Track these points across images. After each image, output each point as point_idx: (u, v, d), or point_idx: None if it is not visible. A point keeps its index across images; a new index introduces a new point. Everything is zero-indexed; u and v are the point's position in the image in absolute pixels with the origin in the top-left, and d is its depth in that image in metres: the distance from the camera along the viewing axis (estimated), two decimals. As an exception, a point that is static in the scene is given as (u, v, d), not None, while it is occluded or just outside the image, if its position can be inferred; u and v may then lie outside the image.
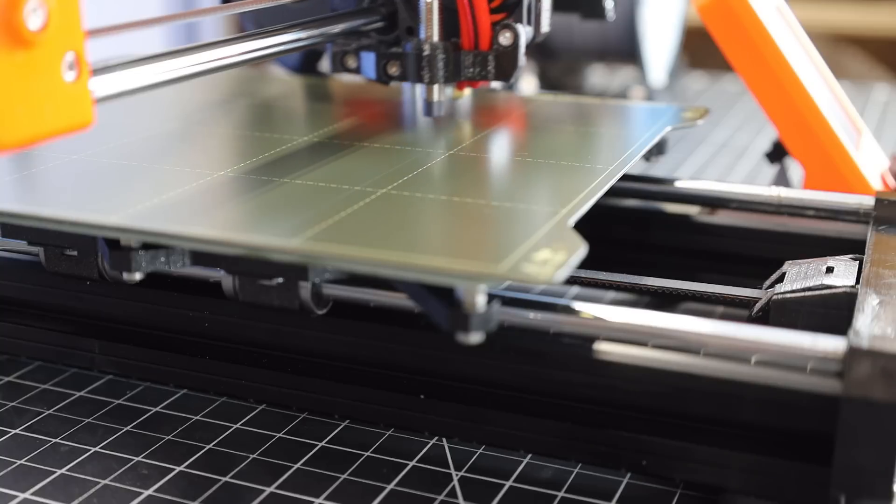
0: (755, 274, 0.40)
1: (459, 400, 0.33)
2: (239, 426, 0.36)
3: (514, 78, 0.44)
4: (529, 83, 0.78)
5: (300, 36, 0.40)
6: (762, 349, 0.29)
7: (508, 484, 0.32)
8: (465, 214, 0.33)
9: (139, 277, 0.32)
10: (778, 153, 0.49)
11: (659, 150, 0.45)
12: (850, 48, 1.41)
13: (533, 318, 0.31)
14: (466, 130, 0.45)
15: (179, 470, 0.33)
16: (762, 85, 0.46)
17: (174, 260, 0.32)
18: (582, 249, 0.29)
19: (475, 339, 0.29)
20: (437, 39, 0.43)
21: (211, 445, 0.34)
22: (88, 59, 0.29)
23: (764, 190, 0.43)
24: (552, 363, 0.32)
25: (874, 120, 0.76)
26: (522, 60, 0.44)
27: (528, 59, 0.43)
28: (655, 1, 0.77)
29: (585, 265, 0.36)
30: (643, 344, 0.31)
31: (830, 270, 0.35)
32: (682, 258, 0.45)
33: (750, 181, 0.62)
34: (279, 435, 0.35)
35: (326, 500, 0.32)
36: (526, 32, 0.44)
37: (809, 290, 0.34)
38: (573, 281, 0.40)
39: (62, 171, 0.38)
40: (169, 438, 0.35)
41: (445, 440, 0.35)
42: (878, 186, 0.46)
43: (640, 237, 0.46)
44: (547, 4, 0.46)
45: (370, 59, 0.45)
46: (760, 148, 0.67)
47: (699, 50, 0.89)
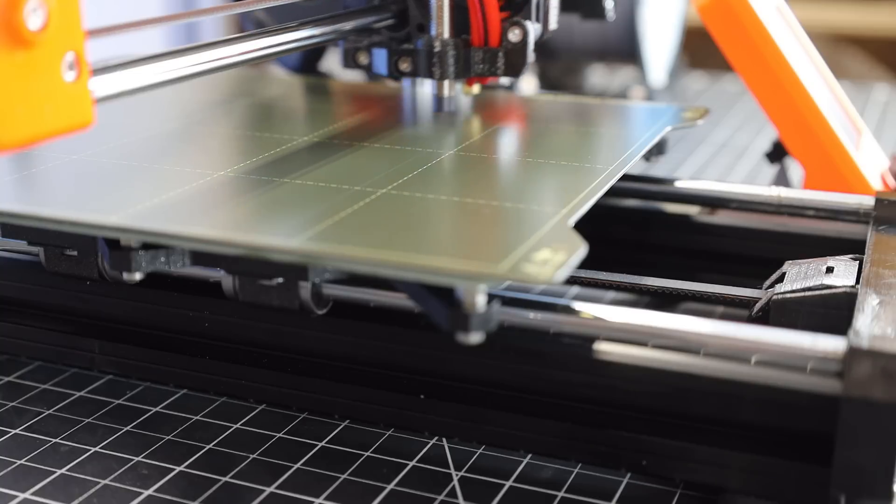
0: (755, 274, 0.40)
1: (459, 400, 0.33)
2: (239, 426, 0.36)
3: (523, 74, 0.45)
4: (529, 83, 0.78)
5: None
6: (762, 349, 0.29)
7: (508, 484, 0.32)
8: (465, 214, 0.33)
9: (139, 277, 0.32)
10: (778, 153, 0.49)
11: (659, 150, 0.45)
12: (850, 48, 1.41)
13: (533, 318, 0.31)
14: (466, 131, 0.45)
15: (179, 470, 0.33)
16: (762, 85, 0.46)
17: (174, 260, 0.32)
18: (582, 249, 0.29)
19: (475, 339, 0.29)
20: (447, 36, 0.44)
21: (211, 445, 0.34)
22: (88, 59, 0.29)
23: (764, 190, 0.43)
24: (552, 363, 0.32)
25: (874, 120, 0.76)
26: (531, 57, 0.45)
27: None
28: (655, 1, 0.77)
29: (585, 265, 0.36)
30: (643, 344, 0.31)
31: (830, 270, 0.35)
32: (682, 258, 0.45)
33: (750, 181, 0.62)
34: (279, 435, 0.35)
35: (326, 500, 0.32)
36: (535, 29, 0.45)
37: (809, 290, 0.34)
38: (573, 281, 0.40)
39: (62, 171, 0.38)
40: (169, 438, 0.35)
41: (445, 440, 0.35)
42: (878, 186, 0.46)
43: (640, 237, 0.46)
44: (555, 2, 0.46)
45: (382, 55, 0.46)
46: (760, 148, 0.67)
47: (699, 50, 0.89)
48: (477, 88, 0.48)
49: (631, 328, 0.31)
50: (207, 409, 0.37)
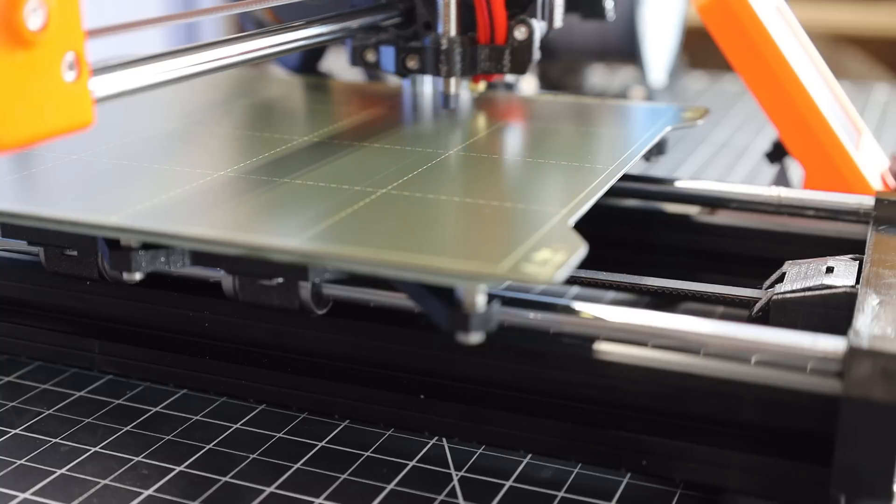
0: (755, 274, 0.40)
1: (459, 400, 0.33)
2: (239, 426, 0.36)
3: (528, 71, 0.45)
4: (529, 83, 0.78)
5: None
6: (762, 349, 0.29)
7: (508, 484, 0.32)
8: (464, 214, 0.33)
9: (139, 277, 0.32)
10: (778, 153, 0.49)
11: (659, 150, 0.45)
12: (850, 48, 1.41)
13: (533, 318, 0.31)
14: (466, 131, 0.45)
15: (179, 470, 0.33)
16: (762, 85, 0.46)
17: (174, 260, 0.32)
18: (582, 249, 0.29)
19: (475, 339, 0.29)
20: (454, 34, 0.45)
21: (211, 445, 0.34)
22: (88, 59, 0.29)
23: (764, 190, 0.43)
24: (552, 363, 0.32)
25: (874, 120, 0.76)
26: (537, 54, 0.45)
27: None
28: (655, 1, 0.77)
29: (585, 265, 0.36)
30: (643, 344, 0.31)
31: (830, 270, 0.35)
32: (682, 258, 0.45)
33: (750, 181, 0.62)
34: (279, 435, 0.35)
35: (326, 500, 0.32)
36: (540, 27, 0.45)
37: (809, 290, 0.34)
38: (573, 281, 0.40)
39: (62, 171, 0.38)
40: (169, 438, 0.35)
41: (445, 440, 0.35)
42: (878, 186, 0.46)
43: (640, 237, 0.46)
44: (560, 0, 0.47)
45: (389, 53, 0.46)
46: (760, 148, 0.67)
47: (699, 50, 0.89)
48: (483, 85, 0.49)
49: (631, 328, 0.31)
50: (207, 409, 0.37)
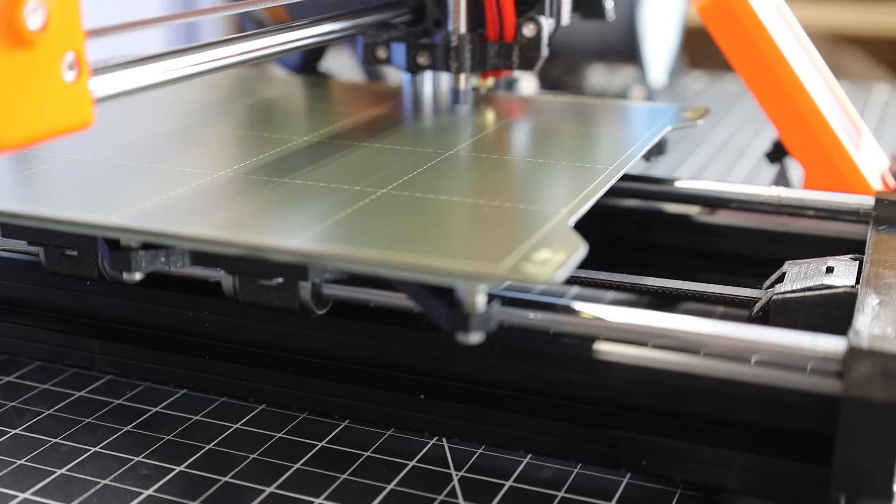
0: (755, 274, 0.40)
1: (459, 400, 0.33)
2: (239, 426, 0.36)
3: (537, 67, 0.46)
4: (529, 83, 0.78)
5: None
6: (762, 349, 0.29)
7: (508, 484, 0.32)
8: (464, 214, 0.33)
9: (139, 277, 0.32)
10: (778, 153, 0.49)
11: (659, 150, 0.45)
12: (850, 48, 1.41)
13: (533, 318, 0.31)
14: (466, 131, 0.45)
15: (179, 470, 0.33)
16: (762, 85, 0.46)
17: (174, 260, 0.32)
18: (582, 249, 0.29)
19: (475, 339, 0.29)
20: (464, 31, 0.46)
21: (211, 445, 0.34)
22: (88, 59, 0.29)
23: (764, 190, 0.43)
24: (552, 363, 0.32)
25: (874, 120, 0.76)
26: (545, 51, 0.46)
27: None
28: (655, 1, 0.77)
29: (585, 265, 0.36)
30: (643, 344, 0.31)
31: (830, 270, 0.35)
32: (682, 258, 0.45)
33: (750, 181, 0.62)
34: (279, 435, 0.35)
35: (326, 500, 0.32)
36: (548, 24, 0.46)
37: (809, 290, 0.34)
38: (573, 281, 0.40)
39: (62, 171, 0.38)
40: (169, 438, 0.35)
41: (445, 440, 0.35)
42: (878, 186, 0.46)
43: (640, 237, 0.46)
44: None
45: (400, 49, 0.47)
46: (760, 148, 0.67)
47: (699, 50, 0.89)
48: (491, 81, 0.50)
49: (631, 328, 0.31)
50: (207, 409, 0.37)
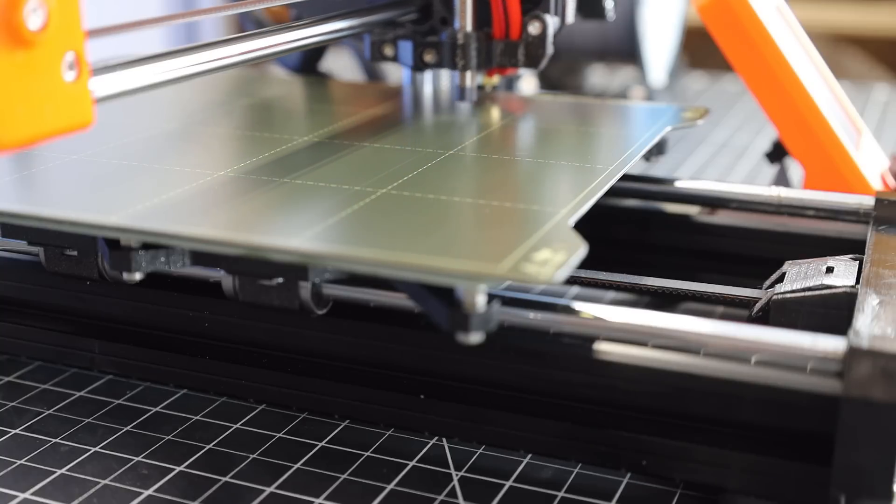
0: (755, 274, 0.40)
1: (459, 400, 0.33)
2: (239, 426, 0.36)
3: (542, 66, 0.46)
4: (529, 83, 0.78)
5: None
6: (762, 349, 0.29)
7: (508, 484, 0.32)
8: (464, 214, 0.33)
9: (139, 277, 0.32)
10: (778, 153, 0.49)
11: (659, 150, 0.45)
12: (850, 48, 1.41)
13: (533, 318, 0.31)
14: (466, 131, 0.45)
15: (179, 470, 0.33)
16: (762, 85, 0.46)
17: (174, 260, 0.32)
18: (582, 249, 0.29)
19: (475, 339, 0.29)
20: (470, 29, 0.46)
21: (211, 445, 0.34)
22: (88, 59, 0.29)
23: (764, 190, 0.43)
24: (552, 363, 0.32)
25: (874, 120, 0.76)
26: (550, 49, 0.46)
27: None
28: (655, 1, 0.77)
29: (585, 265, 0.36)
30: (643, 344, 0.31)
31: (830, 270, 0.35)
32: (682, 258, 0.45)
33: (750, 181, 0.62)
34: (279, 435, 0.35)
35: (326, 500, 0.32)
36: (553, 22, 0.46)
37: (809, 290, 0.34)
38: (573, 281, 0.40)
39: (62, 171, 0.38)
40: (169, 438, 0.35)
41: (445, 440, 0.35)
42: (878, 186, 0.46)
43: (640, 237, 0.46)
44: None
45: (407, 47, 0.48)
46: (760, 148, 0.67)
47: (699, 50, 0.89)
48: (497, 79, 0.51)
49: (631, 328, 0.31)
50: (207, 409, 0.37)
